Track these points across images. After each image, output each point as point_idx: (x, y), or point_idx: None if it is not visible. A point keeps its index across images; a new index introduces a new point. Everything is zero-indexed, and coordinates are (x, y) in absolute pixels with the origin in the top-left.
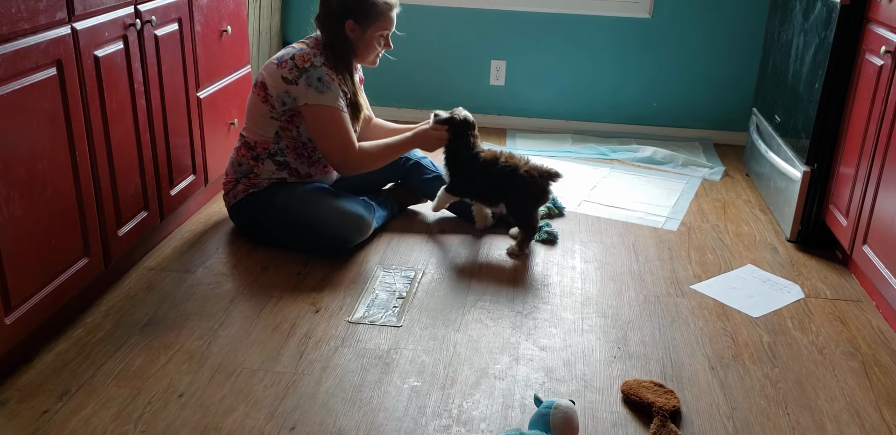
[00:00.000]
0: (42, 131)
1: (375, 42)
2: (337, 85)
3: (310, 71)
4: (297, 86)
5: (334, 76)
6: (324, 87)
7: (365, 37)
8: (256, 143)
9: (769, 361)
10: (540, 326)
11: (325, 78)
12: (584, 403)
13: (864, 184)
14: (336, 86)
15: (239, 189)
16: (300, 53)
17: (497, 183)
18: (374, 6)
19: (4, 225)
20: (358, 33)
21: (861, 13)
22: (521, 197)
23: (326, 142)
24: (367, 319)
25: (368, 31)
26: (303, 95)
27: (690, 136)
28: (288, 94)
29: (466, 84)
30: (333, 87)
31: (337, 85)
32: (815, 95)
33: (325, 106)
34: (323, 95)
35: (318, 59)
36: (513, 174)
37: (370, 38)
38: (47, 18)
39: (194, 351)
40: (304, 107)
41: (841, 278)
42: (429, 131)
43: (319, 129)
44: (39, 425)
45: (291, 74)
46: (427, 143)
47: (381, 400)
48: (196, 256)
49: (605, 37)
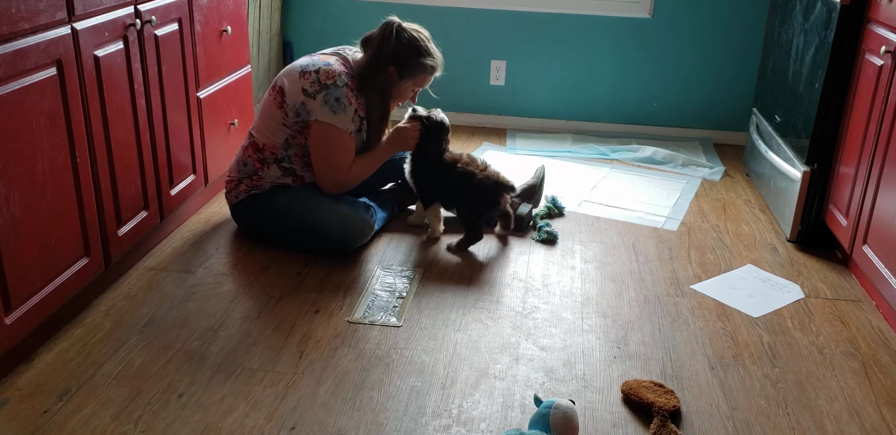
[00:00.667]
0: (42, 131)
1: (405, 93)
2: (353, 109)
3: (330, 89)
4: (315, 100)
5: (353, 100)
6: (339, 108)
7: (399, 86)
8: (265, 146)
9: (769, 361)
10: (540, 326)
11: (344, 99)
12: (584, 403)
13: (864, 184)
14: (352, 109)
15: (241, 189)
16: (326, 69)
17: (452, 187)
18: (423, 65)
19: (4, 225)
20: (395, 80)
21: (861, 13)
22: (470, 203)
23: (321, 160)
24: (367, 319)
25: (404, 83)
26: (316, 111)
27: (690, 136)
28: (304, 106)
29: (466, 84)
30: (349, 110)
31: (353, 109)
32: (815, 95)
33: (333, 127)
34: (335, 116)
35: (342, 79)
36: (466, 180)
37: (403, 88)
38: (47, 18)
39: (194, 351)
40: (314, 122)
41: (841, 278)
42: (405, 129)
43: (320, 147)
44: (39, 425)
45: (312, 88)
46: (404, 143)
47: (381, 400)
48: (196, 256)
49: (606, 37)
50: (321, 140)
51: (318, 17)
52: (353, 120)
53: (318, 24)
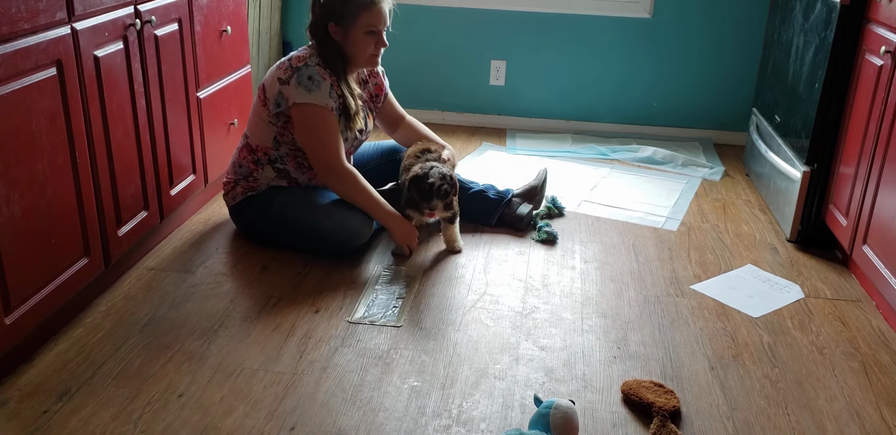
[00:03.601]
0: (42, 131)
1: (363, 41)
2: (329, 85)
3: (301, 69)
4: (289, 85)
5: (327, 76)
6: (313, 85)
7: (350, 37)
8: (258, 147)
9: (769, 361)
10: (540, 326)
11: (317, 76)
12: (584, 403)
13: (863, 184)
14: (328, 85)
15: (238, 191)
16: (297, 54)
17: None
18: (349, 4)
19: (4, 225)
20: (341, 35)
21: (861, 13)
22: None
23: (309, 144)
24: (367, 319)
25: (352, 31)
26: (292, 94)
27: (690, 137)
28: (281, 95)
29: (466, 84)
30: (324, 85)
31: (329, 85)
32: (815, 95)
33: (312, 104)
34: (311, 93)
35: (313, 59)
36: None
37: (356, 37)
38: (47, 18)
39: (194, 351)
40: (293, 106)
41: (841, 278)
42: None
43: (305, 129)
44: (39, 425)
45: (286, 75)
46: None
47: (381, 400)
48: (196, 256)
49: (606, 37)
50: (304, 122)
51: None
52: (331, 95)
53: None
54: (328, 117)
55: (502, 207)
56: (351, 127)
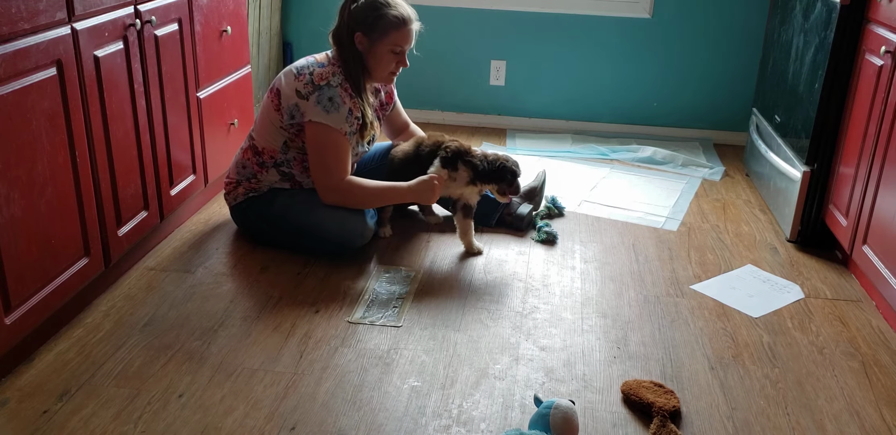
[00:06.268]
0: (42, 131)
1: (386, 58)
2: (347, 108)
3: (323, 89)
4: (308, 101)
5: (347, 99)
6: (332, 107)
7: (374, 51)
8: (264, 150)
9: (769, 361)
10: (540, 326)
11: (337, 99)
12: (584, 403)
13: (863, 184)
14: (346, 109)
15: (239, 191)
16: (320, 70)
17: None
18: (382, 19)
19: (4, 225)
20: (366, 46)
21: (861, 13)
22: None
23: (316, 161)
24: (367, 320)
25: (377, 46)
26: (310, 111)
27: (690, 137)
28: (297, 108)
29: (466, 84)
30: (342, 109)
31: (347, 108)
32: (815, 95)
33: (327, 126)
34: (329, 115)
35: (336, 79)
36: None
37: (380, 52)
38: (47, 18)
39: (194, 351)
40: (308, 123)
41: (841, 278)
42: (430, 182)
43: (315, 148)
44: (39, 425)
45: (305, 89)
46: (426, 196)
47: (381, 400)
48: (196, 256)
49: (606, 37)
50: (315, 141)
51: (318, 17)
52: (348, 120)
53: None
54: (340, 141)
55: (502, 208)
56: (361, 140)
